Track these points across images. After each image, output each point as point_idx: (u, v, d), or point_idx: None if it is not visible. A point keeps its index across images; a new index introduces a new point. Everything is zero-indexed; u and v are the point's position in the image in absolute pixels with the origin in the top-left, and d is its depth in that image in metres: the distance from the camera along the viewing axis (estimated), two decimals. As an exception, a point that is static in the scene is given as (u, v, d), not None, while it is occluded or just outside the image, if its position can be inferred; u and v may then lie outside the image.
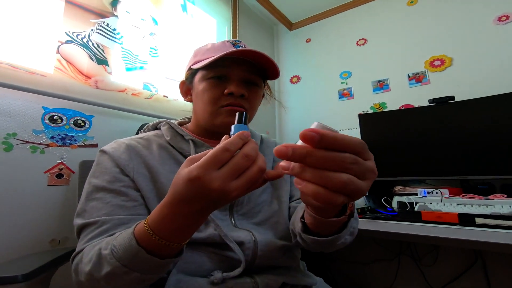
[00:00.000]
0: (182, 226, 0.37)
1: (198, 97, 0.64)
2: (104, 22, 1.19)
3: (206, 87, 0.62)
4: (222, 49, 0.62)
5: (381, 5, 1.97)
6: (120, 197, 0.53)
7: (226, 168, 0.33)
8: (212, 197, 0.33)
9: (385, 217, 0.97)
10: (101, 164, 0.57)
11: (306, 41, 2.27)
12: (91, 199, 0.53)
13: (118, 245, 0.40)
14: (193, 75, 0.67)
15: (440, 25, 1.70)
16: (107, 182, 0.54)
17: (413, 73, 1.72)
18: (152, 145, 0.63)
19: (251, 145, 0.35)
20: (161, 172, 0.58)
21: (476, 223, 0.84)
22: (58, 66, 1.02)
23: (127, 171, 0.55)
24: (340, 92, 1.98)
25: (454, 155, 1.26)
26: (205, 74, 0.63)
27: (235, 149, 0.34)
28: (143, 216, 0.53)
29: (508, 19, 1.52)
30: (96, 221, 0.50)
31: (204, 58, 0.63)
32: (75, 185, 0.95)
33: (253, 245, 0.58)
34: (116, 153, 0.57)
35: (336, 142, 0.28)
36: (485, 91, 1.33)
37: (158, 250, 0.39)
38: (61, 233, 0.96)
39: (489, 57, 1.52)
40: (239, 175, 0.34)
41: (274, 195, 0.70)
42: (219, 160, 0.33)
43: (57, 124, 0.99)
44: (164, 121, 0.70)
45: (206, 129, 0.67)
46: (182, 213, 0.36)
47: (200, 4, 1.69)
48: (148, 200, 0.55)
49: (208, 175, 0.32)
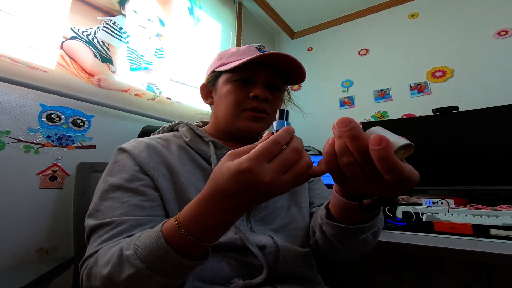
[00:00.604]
0: (218, 223, 0.35)
1: (222, 99, 0.63)
2: (111, 21, 1.13)
3: (231, 90, 0.61)
4: (248, 53, 0.62)
5: (382, 17, 1.97)
6: (139, 196, 0.49)
7: (276, 161, 0.31)
8: (259, 191, 0.31)
9: (395, 227, 0.92)
10: (119, 162, 0.53)
11: (308, 49, 2.25)
12: (106, 199, 0.49)
13: (143, 245, 0.36)
14: (216, 78, 0.66)
15: (441, 38, 1.70)
16: (125, 180, 0.50)
17: (415, 83, 1.69)
18: (171, 145, 0.60)
19: (298, 140, 0.34)
20: (181, 172, 0.55)
21: (491, 235, 0.79)
22: (61, 62, 0.96)
23: (147, 169, 0.52)
24: (342, 100, 1.95)
25: (459, 165, 1.22)
26: (230, 77, 0.62)
27: (285, 142, 0.33)
28: (161, 217, 0.50)
29: (507, 34, 1.52)
30: (112, 222, 0.46)
31: (229, 61, 0.63)
32: (69, 189, 0.86)
33: (275, 250, 0.54)
34: (136, 151, 0.54)
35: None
36: (486, 103, 1.31)
37: (187, 250, 0.36)
38: (50, 241, 0.86)
39: (489, 70, 1.51)
40: (288, 169, 0.32)
41: (293, 201, 0.66)
42: (270, 152, 0.31)
43: (55, 123, 0.92)
44: (183, 123, 0.67)
45: (226, 131, 0.65)
46: (222, 208, 0.33)
47: (206, 9, 1.66)
48: (167, 201, 0.51)
49: (260, 167, 0.30)
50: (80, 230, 0.69)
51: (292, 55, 0.61)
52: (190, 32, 1.53)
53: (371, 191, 0.36)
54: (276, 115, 0.40)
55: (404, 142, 0.32)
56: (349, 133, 0.32)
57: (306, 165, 0.33)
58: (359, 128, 0.32)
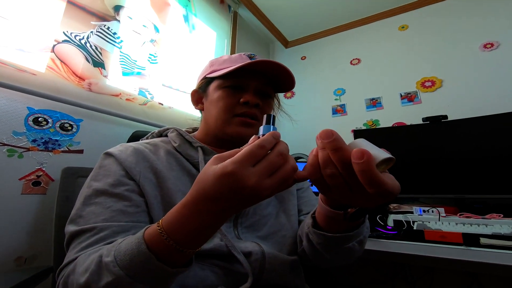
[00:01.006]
0: (202, 228, 0.33)
1: (212, 105, 0.62)
2: (105, 26, 1.11)
3: (222, 95, 0.61)
4: (239, 61, 0.62)
5: (374, 29, 1.99)
6: (123, 202, 0.47)
7: (261, 164, 0.31)
8: (244, 195, 0.30)
9: (386, 235, 0.90)
10: (105, 166, 0.52)
11: (301, 58, 2.26)
12: (89, 204, 0.47)
13: (124, 251, 0.34)
14: (207, 84, 0.66)
15: (430, 49, 1.72)
16: (109, 185, 0.48)
17: (405, 92, 1.70)
18: (159, 150, 0.58)
19: (283, 144, 0.34)
20: (168, 178, 0.53)
21: (481, 244, 0.77)
22: (51, 65, 0.93)
23: (133, 174, 0.50)
24: (334, 108, 1.94)
25: (449, 173, 1.21)
26: (221, 83, 0.62)
27: (270, 147, 0.32)
28: (145, 223, 0.48)
29: (492, 47, 1.54)
30: (93, 228, 0.43)
31: (221, 68, 0.63)
32: (53, 194, 0.82)
33: (261, 257, 0.52)
34: (122, 155, 0.52)
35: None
36: (474, 112, 1.32)
37: (169, 257, 0.34)
38: (30, 249, 0.81)
39: (476, 81, 1.53)
40: (273, 173, 0.32)
41: (281, 208, 0.64)
42: (255, 156, 0.31)
43: (41, 127, 0.89)
44: (172, 128, 0.66)
45: (216, 136, 0.64)
46: (206, 212, 0.32)
47: (201, 17, 1.65)
48: (152, 206, 0.50)
49: (244, 170, 0.30)
50: (61, 238, 0.66)
51: (285, 63, 0.61)
52: (184, 38, 1.51)
53: (355, 201, 0.37)
54: (263, 120, 0.40)
55: (386, 156, 0.32)
56: (331, 144, 0.32)
57: (291, 169, 0.32)
58: (341, 140, 0.32)
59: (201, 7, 1.66)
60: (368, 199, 0.35)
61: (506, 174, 1.10)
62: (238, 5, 1.90)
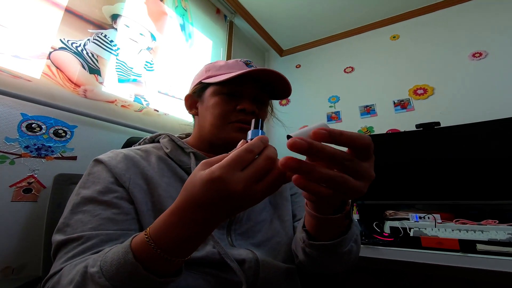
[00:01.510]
0: (191, 235, 0.32)
1: (208, 111, 0.61)
2: (102, 33, 1.10)
3: (218, 102, 0.60)
4: (236, 67, 0.62)
5: (366, 38, 2.01)
6: (111, 209, 0.45)
7: (249, 169, 0.30)
8: (233, 201, 0.29)
9: (383, 242, 0.88)
10: (94, 173, 0.50)
11: (296, 66, 2.27)
12: (77, 212, 0.45)
13: (110, 261, 0.33)
14: (203, 89, 0.64)
15: (421, 58, 1.74)
16: (98, 192, 0.46)
17: (398, 99, 1.71)
18: (150, 156, 0.57)
19: (272, 148, 0.33)
20: (159, 184, 0.52)
21: (478, 250, 0.76)
22: (47, 72, 0.92)
23: (122, 180, 0.49)
24: (329, 115, 1.94)
25: (443, 180, 1.20)
26: (218, 89, 0.61)
27: (258, 151, 0.31)
28: (134, 231, 0.46)
29: (481, 56, 1.57)
30: (80, 237, 0.42)
31: (217, 74, 0.62)
32: (44, 202, 0.79)
33: (255, 265, 0.50)
34: (112, 162, 0.51)
35: (342, 136, 0.29)
36: (465, 119, 1.34)
37: (157, 266, 0.32)
38: (18, 259, 0.78)
39: (467, 89, 1.55)
40: (261, 178, 0.30)
41: (275, 214, 0.62)
42: (242, 160, 0.30)
43: (35, 133, 0.86)
44: (165, 134, 0.64)
45: (209, 142, 0.62)
46: (194, 220, 0.31)
47: (198, 26, 1.66)
48: (142, 213, 0.48)
49: (232, 176, 0.29)
50: (50, 247, 0.62)
51: (281, 71, 0.60)
52: (181, 47, 1.51)
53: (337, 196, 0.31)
54: (251, 124, 0.39)
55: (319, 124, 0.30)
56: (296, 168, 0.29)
57: (279, 174, 0.31)
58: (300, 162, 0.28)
59: (197, 17, 1.67)
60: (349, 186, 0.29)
61: (500, 180, 1.09)
62: (234, 15, 1.91)
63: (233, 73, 0.58)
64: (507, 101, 1.42)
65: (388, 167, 1.34)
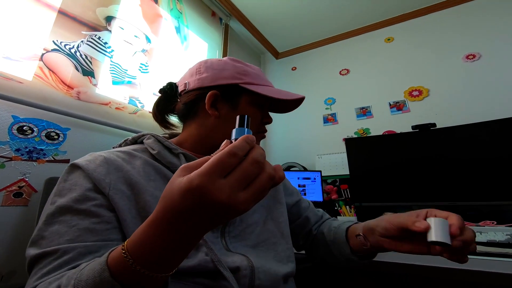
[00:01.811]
0: (172, 248, 0.28)
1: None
2: (96, 35, 1.08)
3: (255, 113, 0.60)
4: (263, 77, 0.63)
5: (361, 41, 2.02)
6: (90, 218, 0.41)
7: (233, 175, 0.26)
8: (217, 211, 0.26)
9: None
10: (70, 180, 0.45)
11: (292, 69, 2.27)
12: (52, 223, 0.40)
13: (85, 280, 0.30)
14: (237, 93, 0.58)
15: (416, 60, 1.75)
16: (74, 201, 0.42)
17: (394, 101, 1.71)
18: (134, 159, 0.51)
19: (259, 150, 0.29)
20: (146, 189, 0.47)
21: (477, 252, 0.75)
22: (39, 73, 0.89)
23: (101, 186, 0.44)
24: (325, 117, 1.94)
25: (441, 181, 1.20)
26: (258, 101, 0.60)
27: (243, 154, 0.27)
28: (116, 242, 0.42)
29: (474, 58, 1.58)
30: (56, 250, 0.37)
31: (258, 83, 0.60)
32: (35, 206, 0.76)
33: (250, 273, 0.47)
34: (90, 166, 0.45)
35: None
36: (460, 120, 1.35)
37: (138, 284, 0.29)
38: (8, 265, 0.74)
39: (461, 90, 1.56)
40: (247, 184, 0.27)
41: (269, 216, 0.61)
42: (225, 166, 0.26)
43: (26, 136, 0.84)
44: (149, 134, 0.58)
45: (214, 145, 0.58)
46: (175, 230, 0.27)
47: (193, 29, 1.65)
48: (125, 222, 0.43)
49: (213, 184, 0.25)
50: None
51: (276, 74, 0.63)
52: (176, 49, 1.49)
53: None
54: (236, 121, 0.34)
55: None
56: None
57: (267, 178, 0.28)
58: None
59: (192, 19, 1.66)
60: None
61: (497, 180, 1.09)
62: (229, 17, 1.91)
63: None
64: (501, 102, 1.43)
65: (385, 169, 1.33)
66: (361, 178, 1.37)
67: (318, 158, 1.78)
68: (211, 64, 0.61)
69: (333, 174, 1.69)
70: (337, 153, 1.73)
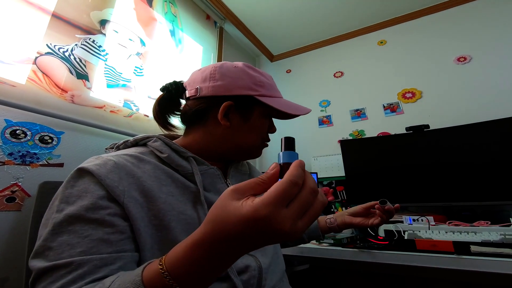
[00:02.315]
0: (214, 270, 0.29)
1: (253, 131, 0.60)
2: (90, 39, 1.08)
3: (265, 124, 0.62)
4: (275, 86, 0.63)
5: (354, 43, 2.04)
6: (104, 228, 0.39)
7: (295, 205, 0.27)
8: (276, 239, 0.27)
9: (378, 246, 0.87)
10: (78, 186, 0.42)
11: (286, 71, 2.28)
12: (60, 233, 0.37)
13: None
14: (251, 104, 0.58)
15: (408, 62, 1.77)
16: (86, 209, 0.39)
17: (388, 103, 1.73)
18: (143, 163, 0.49)
19: (311, 178, 0.30)
20: (159, 196, 0.45)
21: (472, 252, 0.76)
22: (33, 77, 0.88)
23: (116, 194, 0.41)
24: (320, 119, 1.95)
25: (435, 182, 1.21)
26: (269, 113, 0.61)
27: (301, 182, 0.28)
28: (131, 252, 0.40)
29: (465, 60, 1.60)
30: (69, 263, 0.35)
31: (272, 94, 0.60)
32: (28, 211, 0.75)
33: (258, 273, 0.48)
34: (102, 171, 0.42)
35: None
36: (453, 121, 1.36)
37: None
38: (0, 271, 0.72)
39: (453, 92, 1.58)
40: (304, 212, 0.28)
41: None
42: (288, 195, 0.27)
43: (19, 139, 0.82)
44: (155, 137, 0.55)
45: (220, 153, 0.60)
46: (224, 254, 0.28)
47: (188, 32, 1.64)
48: (138, 231, 0.41)
49: (278, 214, 0.26)
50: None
51: (271, 76, 0.62)
52: (171, 52, 1.49)
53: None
54: (281, 143, 0.34)
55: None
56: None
57: (321, 207, 0.29)
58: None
59: (187, 23, 1.66)
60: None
61: (490, 181, 1.11)
62: (224, 21, 1.91)
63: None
64: (492, 104, 1.45)
65: (380, 170, 1.34)
66: (356, 179, 1.38)
67: (314, 160, 1.79)
68: (227, 70, 0.58)
69: (329, 175, 1.69)
70: (333, 155, 1.74)
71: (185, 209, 0.47)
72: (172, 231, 0.44)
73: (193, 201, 0.49)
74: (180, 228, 0.45)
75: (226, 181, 0.58)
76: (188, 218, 0.46)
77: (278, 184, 0.27)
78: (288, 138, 0.34)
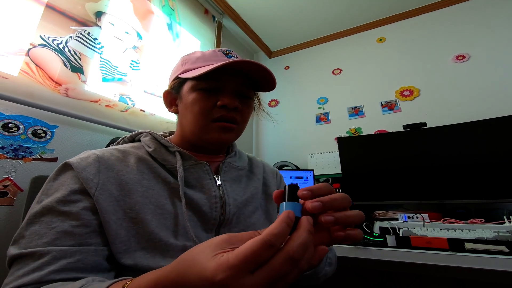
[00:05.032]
0: None
1: (187, 109, 0.55)
2: (85, 31, 1.06)
3: (196, 98, 0.53)
4: (214, 58, 0.55)
5: (353, 41, 2.04)
6: (70, 221, 0.40)
7: (262, 273, 0.23)
8: None
9: (374, 243, 0.87)
10: (59, 179, 0.44)
11: (285, 68, 2.27)
12: (33, 223, 0.40)
13: None
14: (181, 85, 0.57)
15: (407, 60, 1.77)
16: (58, 201, 0.41)
17: (385, 101, 1.73)
18: (129, 157, 0.51)
19: (300, 239, 0.26)
20: (136, 189, 0.46)
21: (466, 249, 0.77)
22: (26, 69, 0.87)
23: (88, 186, 0.43)
24: (318, 116, 1.95)
25: (430, 179, 1.22)
26: (195, 85, 0.54)
27: (281, 244, 0.25)
28: (95, 246, 0.41)
29: (464, 59, 1.61)
30: (34, 253, 0.37)
31: (194, 67, 0.55)
32: (21, 206, 0.75)
33: None
34: (81, 165, 0.44)
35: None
36: (450, 119, 1.37)
37: None
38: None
39: (451, 90, 1.58)
40: (276, 281, 0.24)
41: (266, 219, 0.59)
42: (258, 259, 0.23)
43: (11, 133, 0.81)
44: (146, 132, 0.58)
45: (192, 142, 0.57)
46: None
47: (186, 26, 1.63)
48: (107, 224, 0.42)
49: (237, 281, 0.23)
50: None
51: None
52: (168, 46, 1.47)
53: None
54: (285, 192, 0.31)
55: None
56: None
57: (297, 275, 0.25)
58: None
59: (185, 17, 1.64)
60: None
61: (485, 179, 1.11)
62: (222, 15, 1.89)
63: (210, 65, 0.51)
64: (490, 102, 1.46)
65: (377, 168, 1.35)
66: (353, 177, 1.38)
67: (310, 157, 1.79)
68: (175, 66, 0.62)
69: (325, 173, 1.69)
70: (330, 152, 1.74)
71: (164, 204, 0.47)
72: (148, 224, 0.44)
73: (172, 196, 0.49)
74: (156, 221, 0.45)
75: (215, 177, 0.55)
76: (165, 213, 0.47)
77: (250, 243, 0.24)
78: (291, 186, 0.30)
